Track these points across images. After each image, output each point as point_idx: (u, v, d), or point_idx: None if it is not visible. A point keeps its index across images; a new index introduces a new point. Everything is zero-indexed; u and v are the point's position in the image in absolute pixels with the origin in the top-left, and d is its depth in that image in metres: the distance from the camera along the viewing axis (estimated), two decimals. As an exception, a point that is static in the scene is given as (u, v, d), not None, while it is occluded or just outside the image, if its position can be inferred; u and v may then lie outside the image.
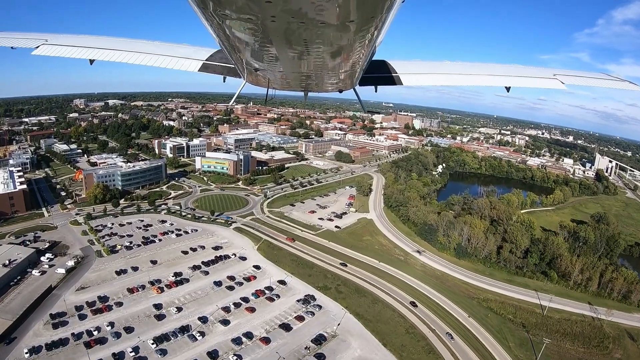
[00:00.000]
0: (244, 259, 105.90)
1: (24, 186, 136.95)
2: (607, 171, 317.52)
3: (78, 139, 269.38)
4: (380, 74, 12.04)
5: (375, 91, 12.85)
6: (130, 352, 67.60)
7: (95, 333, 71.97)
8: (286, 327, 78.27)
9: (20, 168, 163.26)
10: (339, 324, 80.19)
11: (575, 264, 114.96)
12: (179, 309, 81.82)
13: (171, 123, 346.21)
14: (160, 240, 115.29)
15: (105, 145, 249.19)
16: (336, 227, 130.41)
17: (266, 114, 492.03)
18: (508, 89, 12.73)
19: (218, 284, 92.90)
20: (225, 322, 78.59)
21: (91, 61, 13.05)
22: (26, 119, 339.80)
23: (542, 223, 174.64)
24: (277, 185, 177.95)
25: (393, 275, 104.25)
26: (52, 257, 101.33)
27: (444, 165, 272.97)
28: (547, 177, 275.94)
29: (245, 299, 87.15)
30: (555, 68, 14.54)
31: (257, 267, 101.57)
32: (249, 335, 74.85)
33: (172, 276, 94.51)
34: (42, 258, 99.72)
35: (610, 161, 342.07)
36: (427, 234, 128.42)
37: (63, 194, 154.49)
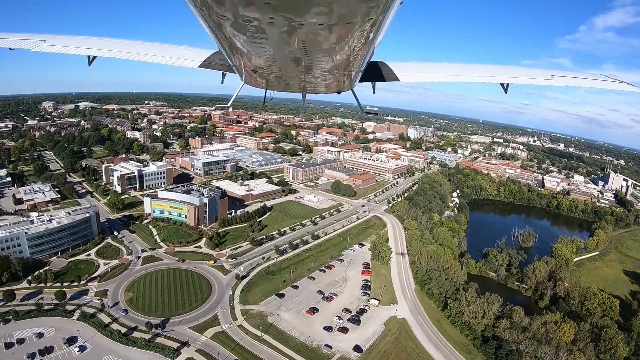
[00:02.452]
0: None
1: None
2: (621, 189, 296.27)
3: (19, 157, 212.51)
4: (378, 74, 11.53)
5: (374, 92, 12.59)
6: None
7: None
8: None
9: None
10: None
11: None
12: None
13: (136, 134, 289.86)
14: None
15: (44, 169, 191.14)
16: (356, 349, 78.27)
17: (246, 122, 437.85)
18: (506, 88, 12.35)
19: None
20: None
21: (90, 61, 12.65)
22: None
23: (598, 281, 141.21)
24: (255, 247, 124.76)
25: None
26: None
27: (458, 192, 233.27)
28: (574, 207, 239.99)
29: None
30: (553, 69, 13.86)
31: None
32: None
33: None
34: None
35: (625, 179, 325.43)
36: (498, 356, 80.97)
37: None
